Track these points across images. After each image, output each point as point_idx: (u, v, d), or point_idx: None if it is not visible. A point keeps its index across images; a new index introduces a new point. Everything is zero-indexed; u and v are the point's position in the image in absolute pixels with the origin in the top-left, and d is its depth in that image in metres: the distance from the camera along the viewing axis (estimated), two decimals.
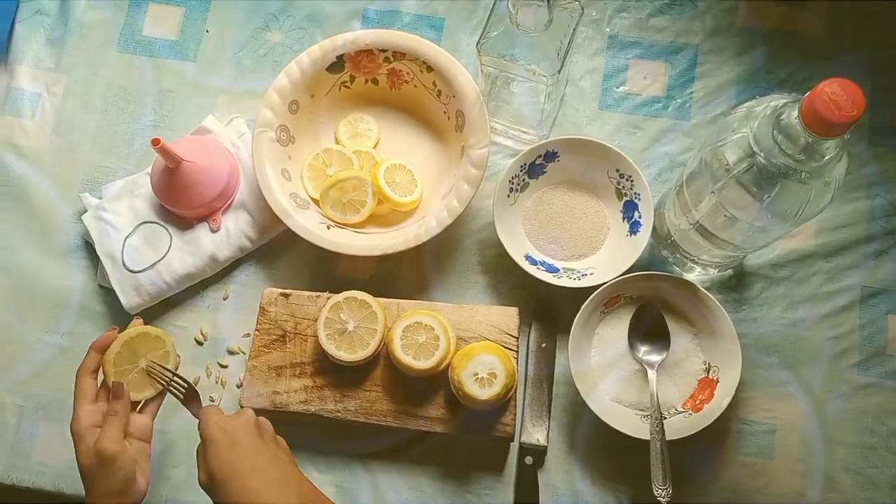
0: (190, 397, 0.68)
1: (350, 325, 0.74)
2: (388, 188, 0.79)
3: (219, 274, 0.84)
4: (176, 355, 0.70)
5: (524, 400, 0.77)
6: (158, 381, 0.68)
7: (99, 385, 0.67)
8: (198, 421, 0.65)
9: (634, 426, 0.72)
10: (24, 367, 0.83)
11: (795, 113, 0.52)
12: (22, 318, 0.84)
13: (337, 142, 0.85)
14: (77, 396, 0.64)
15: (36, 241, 0.86)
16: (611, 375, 0.76)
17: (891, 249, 0.80)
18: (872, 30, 0.86)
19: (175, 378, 0.68)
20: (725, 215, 0.62)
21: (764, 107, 0.56)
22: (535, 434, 0.76)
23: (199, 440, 0.63)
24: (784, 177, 0.55)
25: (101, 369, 0.66)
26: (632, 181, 0.78)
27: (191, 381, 0.69)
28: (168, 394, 0.69)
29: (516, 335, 0.76)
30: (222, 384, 0.81)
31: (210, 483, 0.59)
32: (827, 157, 0.53)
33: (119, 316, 0.83)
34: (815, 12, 0.87)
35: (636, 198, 0.78)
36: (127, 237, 0.82)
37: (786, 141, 0.54)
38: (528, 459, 0.75)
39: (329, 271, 0.83)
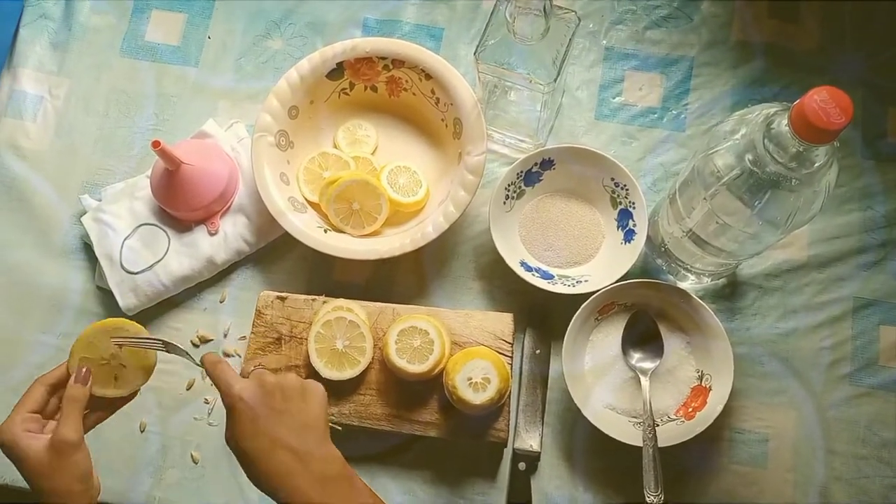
0: (173, 352, 0.62)
1: (339, 343, 0.74)
2: (391, 190, 0.80)
3: (216, 277, 0.84)
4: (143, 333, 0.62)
5: (518, 405, 0.78)
6: (134, 346, 0.61)
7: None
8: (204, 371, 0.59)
9: (627, 433, 0.72)
10: (20, 368, 0.83)
11: (785, 121, 0.53)
12: (19, 318, 0.85)
13: (336, 147, 0.86)
14: (21, 400, 0.59)
15: (35, 242, 0.87)
16: (604, 382, 0.76)
17: (883, 261, 0.81)
18: (866, 44, 0.87)
19: (146, 340, 0.61)
20: (717, 222, 0.63)
21: (755, 115, 0.57)
22: (529, 440, 0.76)
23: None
24: (774, 184, 0.56)
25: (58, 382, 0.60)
26: (627, 190, 0.79)
27: (165, 339, 0.62)
28: (127, 401, 0.63)
29: (511, 341, 0.76)
30: None
31: (233, 449, 0.56)
32: (817, 165, 0.54)
33: (116, 316, 0.83)
34: (809, 27, 0.88)
35: (631, 206, 0.79)
36: (125, 239, 0.83)
37: (776, 148, 0.54)
38: (522, 465, 0.75)
39: (325, 275, 0.84)
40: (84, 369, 0.59)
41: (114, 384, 0.61)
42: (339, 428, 0.72)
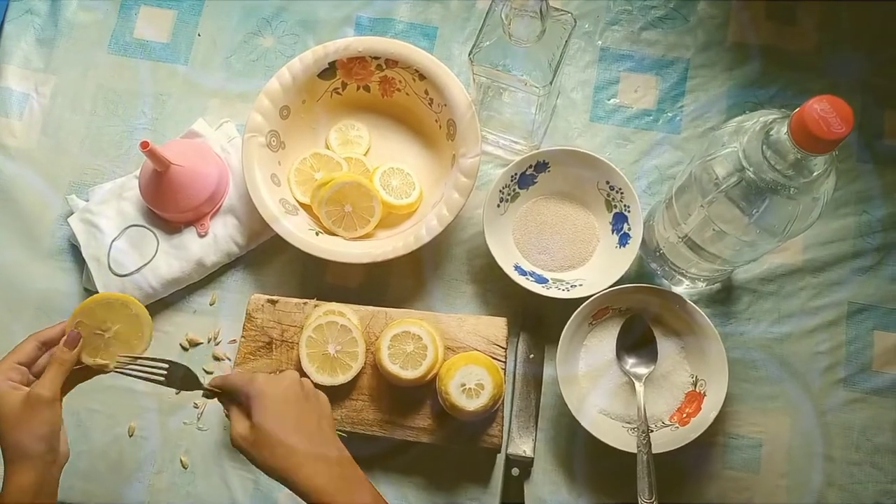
0: (178, 378, 0.62)
1: (331, 348, 0.74)
2: (384, 192, 0.79)
3: (206, 279, 0.83)
4: (149, 323, 0.64)
5: (511, 411, 0.77)
6: (133, 376, 0.62)
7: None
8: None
9: (621, 439, 0.72)
10: None
11: (785, 129, 0.52)
12: (6, 320, 0.83)
13: (328, 148, 0.84)
14: (12, 351, 0.60)
15: (22, 243, 0.85)
16: (598, 387, 0.76)
17: (878, 266, 0.80)
18: (863, 48, 0.86)
19: (149, 364, 0.62)
20: (714, 229, 0.63)
21: (754, 122, 0.56)
22: (522, 445, 0.76)
23: (221, 399, 0.62)
24: (773, 192, 0.55)
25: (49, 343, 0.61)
26: (622, 193, 0.79)
27: (172, 361, 0.62)
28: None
29: (504, 346, 0.76)
30: None
31: (253, 438, 0.57)
32: (815, 174, 0.54)
33: None
34: (805, 28, 0.87)
35: (626, 210, 0.78)
36: (113, 240, 0.81)
37: (775, 156, 0.54)
38: (515, 471, 0.75)
39: (317, 278, 0.83)
40: (76, 333, 0.60)
41: (101, 355, 0.62)
42: (344, 434, 0.72)
